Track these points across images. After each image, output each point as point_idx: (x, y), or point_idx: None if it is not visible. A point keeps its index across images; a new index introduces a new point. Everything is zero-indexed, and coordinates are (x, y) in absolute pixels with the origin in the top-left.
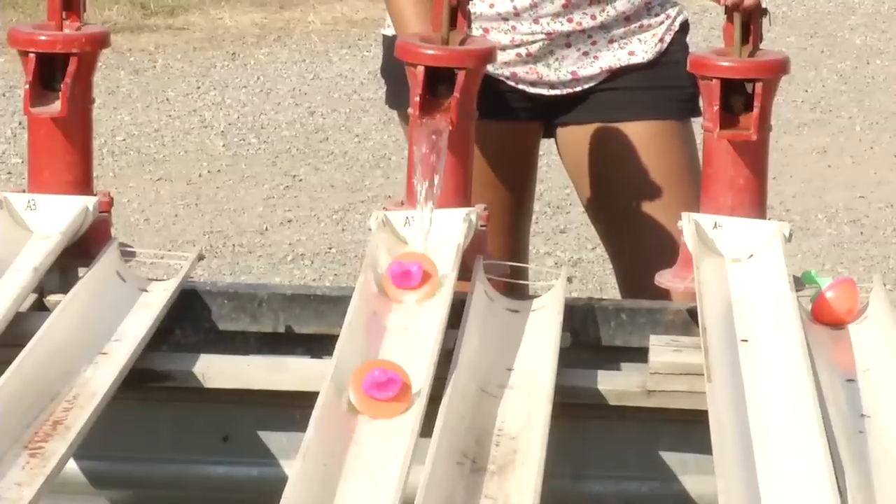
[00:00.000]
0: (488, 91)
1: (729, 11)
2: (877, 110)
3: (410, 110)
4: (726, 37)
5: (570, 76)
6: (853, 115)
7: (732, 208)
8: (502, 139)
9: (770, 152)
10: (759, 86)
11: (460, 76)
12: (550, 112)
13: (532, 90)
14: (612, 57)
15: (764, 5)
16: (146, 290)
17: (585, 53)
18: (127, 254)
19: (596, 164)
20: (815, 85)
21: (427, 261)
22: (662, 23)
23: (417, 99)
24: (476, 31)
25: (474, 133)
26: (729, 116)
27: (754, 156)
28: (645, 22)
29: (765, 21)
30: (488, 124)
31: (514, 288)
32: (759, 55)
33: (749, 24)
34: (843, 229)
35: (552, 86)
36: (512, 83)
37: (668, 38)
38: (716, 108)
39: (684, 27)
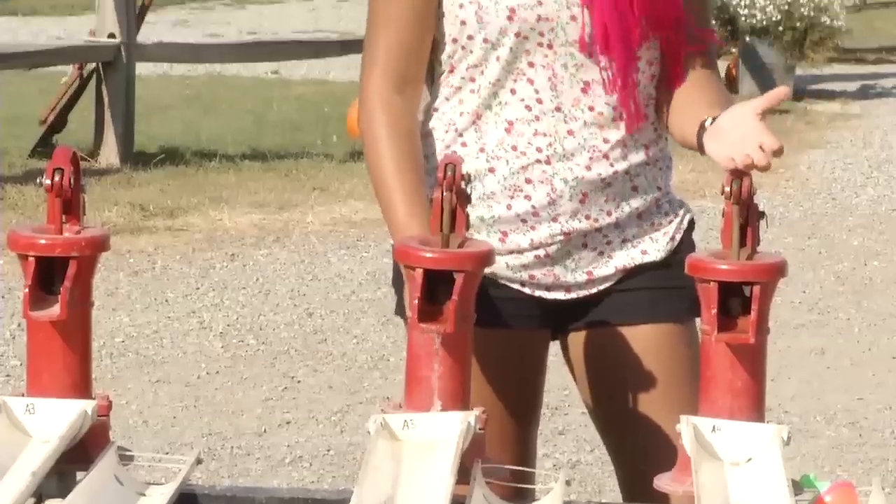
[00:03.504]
0: (501, 299)
1: (727, 213)
2: (875, 311)
3: (409, 313)
4: (724, 239)
5: (585, 277)
6: (851, 317)
7: (731, 411)
8: (513, 349)
9: (768, 353)
10: (756, 289)
11: (459, 279)
12: (562, 317)
13: (548, 295)
14: (626, 256)
15: (761, 208)
16: (144, 495)
17: (601, 253)
18: (125, 457)
19: (602, 365)
20: (812, 286)
21: None
22: (672, 221)
23: (416, 302)
24: (494, 234)
25: (473, 337)
26: (727, 319)
27: (752, 359)
28: (656, 220)
29: (762, 223)
30: (498, 333)
31: (522, 493)
32: (757, 258)
33: (746, 226)
34: (842, 431)
35: (568, 288)
36: (528, 290)
37: (678, 237)
38: (713, 311)
39: (692, 225)
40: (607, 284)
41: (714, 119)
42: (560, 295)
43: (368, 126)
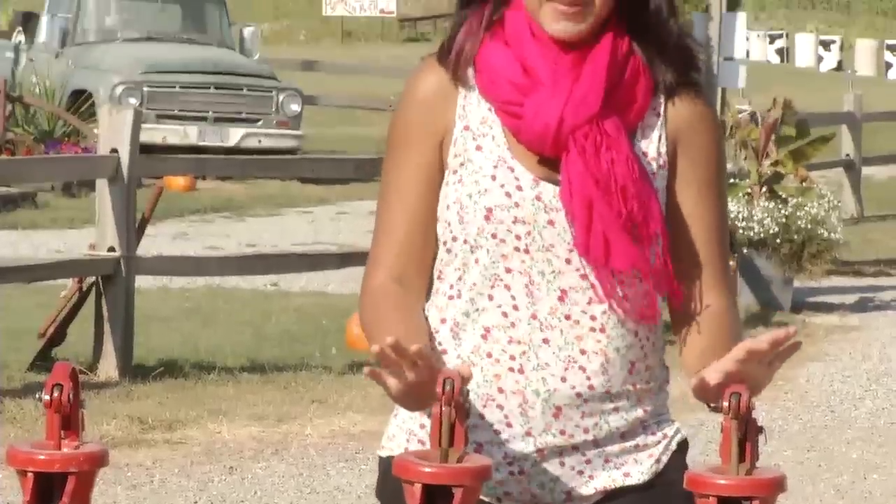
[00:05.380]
0: None
1: (725, 428)
2: None
3: None
4: (723, 453)
5: (563, 496)
6: None
7: None
8: None
9: None
10: None
11: (458, 494)
12: None
13: None
14: (607, 477)
15: (760, 422)
16: None
17: (580, 472)
18: None
19: None
20: (812, 500)
21: None
22: (659, 442)
23: None
24: (469, 446)
25: None
26: None
27: None
28: (641, 441)
29: (761, 437)
30: None
31: None
32: (756, 473)
33: (745, 440)
34: None
35: None
36: None
37: (664, 459)
38: None
39: (682, 447)
40: None
41: (700, 374)
42: None
43: (371, 305)
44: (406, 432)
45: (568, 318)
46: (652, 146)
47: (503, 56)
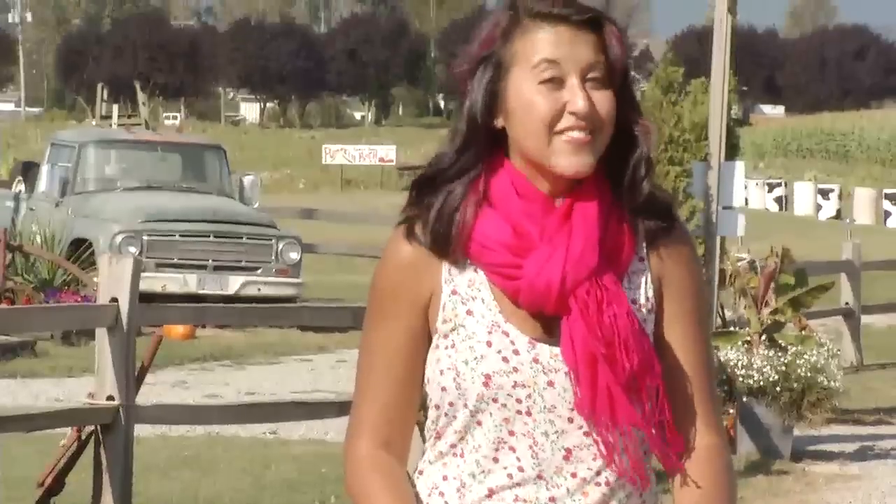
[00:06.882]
0: None
1: None
2: None
3: None
4: None
5: None
6: None
7: None
8: None
9: None
10: None
11: None
12: None
13: None
14: None
15: None
16: None
17: None
18: None
19: None
20: None
21: None
22: None
23: None
24: None
25: None
26: None
27: None
28: None
29: None
30: None
31: None
32: None
33: None
34: None
35: None
36: None
37: None
38: None
39: None
40: None
41: None
42: None
43: (359, 479)
44: None
45: (574, 475)
46: (640, 292)
47: (491, 220)
